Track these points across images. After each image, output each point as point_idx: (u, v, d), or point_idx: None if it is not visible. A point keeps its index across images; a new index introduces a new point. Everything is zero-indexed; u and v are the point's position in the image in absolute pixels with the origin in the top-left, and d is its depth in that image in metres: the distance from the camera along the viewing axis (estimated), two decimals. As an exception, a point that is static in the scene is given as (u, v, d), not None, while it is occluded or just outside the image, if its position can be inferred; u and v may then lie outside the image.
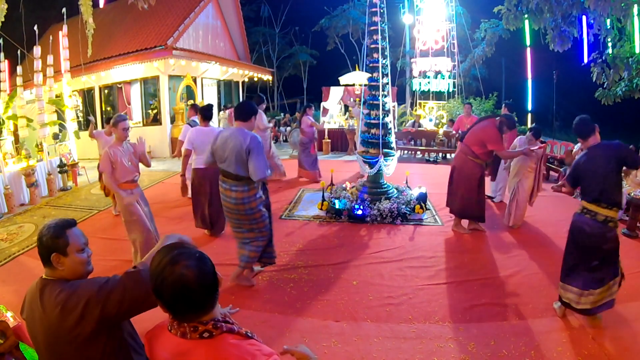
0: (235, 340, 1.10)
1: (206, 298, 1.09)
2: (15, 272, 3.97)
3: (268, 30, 21.96)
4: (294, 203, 6.14)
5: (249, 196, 3.23)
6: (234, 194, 3.22)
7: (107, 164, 3.56)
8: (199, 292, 1.07)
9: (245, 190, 3.21)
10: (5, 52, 9.07)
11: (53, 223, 1.46)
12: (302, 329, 2.93)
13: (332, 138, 11.64)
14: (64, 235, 1.44)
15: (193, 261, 1.08)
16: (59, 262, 1.42)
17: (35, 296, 1.41)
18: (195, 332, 1.08)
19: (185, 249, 1.12)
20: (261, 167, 3.08)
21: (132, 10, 10.95)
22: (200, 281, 1.07)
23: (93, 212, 5.97)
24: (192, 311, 1.09)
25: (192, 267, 1.07)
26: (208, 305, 1.11)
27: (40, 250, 1.43)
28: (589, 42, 9.35)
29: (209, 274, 1.10)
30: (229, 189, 3.25)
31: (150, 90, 11.97)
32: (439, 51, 13.64)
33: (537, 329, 2.91)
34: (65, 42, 8.65)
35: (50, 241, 1.41)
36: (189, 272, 1.06)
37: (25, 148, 7.25)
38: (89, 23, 6.59)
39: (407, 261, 4.06)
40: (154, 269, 1.09)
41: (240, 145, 3.09)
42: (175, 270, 1.05)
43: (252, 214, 3.30)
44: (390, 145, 5.88)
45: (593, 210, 2.88)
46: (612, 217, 2.85)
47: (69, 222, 1.50)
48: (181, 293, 1.05)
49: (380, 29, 5.61)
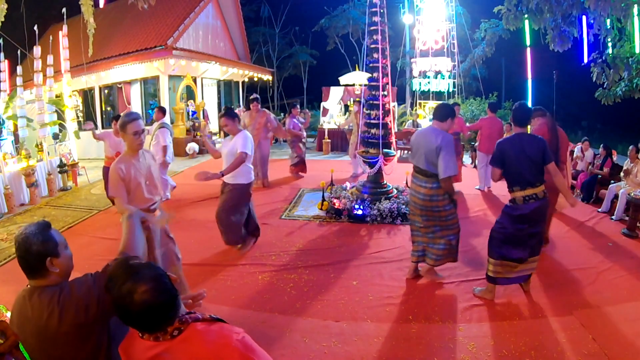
0: (202, 326, 1.16)
1: (170, 311, 1.13)
2: (15, 272, 3.95)
3: (268, 30, 21.93)
4: (294, 203, 6.14)
5: (437, 194, 3.32)
6: (423, 190, 3.32)
7: (120, 188, 2.55)
8: (162, 309, 1.11)
9: (434, 187, 3.30)
10: (5, 52, 9.08)
11: (34, 229, 1.39)
12: (302, 329, 2.92)
13: (332, 138, 11.64)
14: (51, 236, 1.40)
15: (150, 283, 1.10)
16: (54, 264, 1.38)
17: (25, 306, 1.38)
18: (166, 334, 1.13)
19: (139, 270, 1.14)
20: (450, 166, 3.16)
21: (132, 10, 10.92)
22: (162, 300, 1.11)
23: (93, 212, 5.97)
24: (160, 325, 1.13)
25: (151, 290, 1.09)
26: (173, 316, 1.14)
27: (31, 261, 1.37)
28: (589, 42, 9.34)
29: (167, 290, 1.13)
30: (419, 185, 3.36)
31: (150, 90, 11.98)
32: (439, 51, 13.62)
33: (537, 329, 2.91)
34: (65, 42, 8.65)
35: (41, 247, 1.36)
36: (149, 296, 1.09)
37: (25, 148, 7.25)
38: (90, 23, 6.58)
39: (407, 261, 4.04)
40: (115, 296, 1.12)
41: (431, 143, 3.21)
42: (135, 298, 1.08)
43: (439, 212, 3.37)
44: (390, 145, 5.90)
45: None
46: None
47: (46, 224, 1.45)
48: (146, 315, 1.10)
49: (380, 29, 5.62)
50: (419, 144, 3.38)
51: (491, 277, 3.24)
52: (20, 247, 1.38)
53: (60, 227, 5.33)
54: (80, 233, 5.09)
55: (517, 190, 3.10)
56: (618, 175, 5.82)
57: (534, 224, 3.13)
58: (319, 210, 5.58)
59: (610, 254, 4.23)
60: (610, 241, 4.59)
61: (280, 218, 5.44)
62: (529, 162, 3.04)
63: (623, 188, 5.33)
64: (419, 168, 3.39)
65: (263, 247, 4.39)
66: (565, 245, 4.49)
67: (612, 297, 3.34)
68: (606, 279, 3.69)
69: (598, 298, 3.33)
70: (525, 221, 3.10)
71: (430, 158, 3.26)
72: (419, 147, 3.37)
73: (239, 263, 4.00)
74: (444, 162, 3.17)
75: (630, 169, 5.42)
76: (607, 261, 4.05)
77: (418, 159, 3.39)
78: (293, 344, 2.75)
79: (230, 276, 3.74)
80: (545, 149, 3.07)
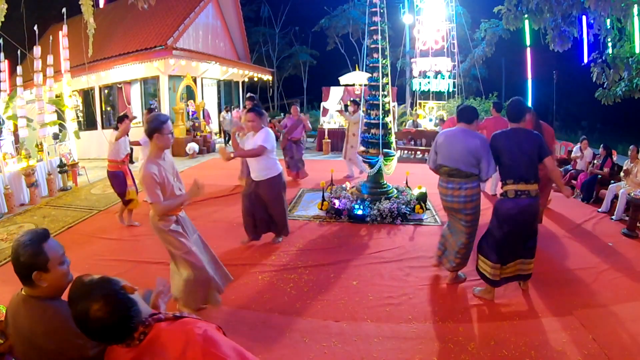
0: (166, 325, 1.17)
1: (128, 322, 1.14)
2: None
3: (268, 30, 21.95)
4: (294, 203, 6.14)
5: (478, 193, 3.36)
6: (464, 192, 3.30)
7: (158, 193, 2.60)
8: (118, 323, 1.12)
9: (474, 187, 3.33)
10: (5, 52, 9.07)
11: (27, 239, 1.35)
12: (302, 329, 2.92)
13: (332, 138, 11.64)
14: (42, 251, 1.34)
15: (101, 300, 1.11)
16: (41, 279, 1.34)
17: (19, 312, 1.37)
18: (135, 340, 1.15)
19: (91, 289, 1.14)
20: (492, 166, 3.22)
21: (132, 10, 10.94)
22: (115, 315, 1.12)
23: (93, 212, 5.97)
24: (122, 337, 1.15)
25: (102, 307, 1.10)
26: (132, 325, 1.15)
27: (19, 270, 1.34)
28: (589, 42, 9.36)
29: (120, 303, 1.14)
30: (456, 187, 3.33)
31: (150, 90, 11.98)
32: (439, 51, 13.63)
33: (537, 329, 2.91)
34: (65, 42, 8.65)
35: (29, 259, 1.32)
36: (102, 313, 1.10)
37: (25, 148, 7.25)
38: (90, 23, 6.59)
39: (407, 261, 4.06)
40: (74, 316, 1.13)
41: (470, 145, 3.23)
42: (90, 317, 1.10)
43: (476, 212, 3.40)
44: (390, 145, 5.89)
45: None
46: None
47: (44, 235, 1.39)
48: (105, 331, 1.12)
49: (380, 29, 5.61)
50: (453, 146, 3.32)
51: (490, 280, 3.23)
52: (12, 253, 1.36)
53: (60, 227, 5.34)
54: (80, 233, 5.09)
55: (509, 184, 3.10)
56: (618, 175, 5.82)
57: (524, 225, 3.10)
58: (319, 210, 5.58)
59: (610, 254, 4.23)
60: (610, 241, 4.59)
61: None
62: (524, 157, 3.04)
63: (623, 188, 5.33)
64: (457, 170, 3.31)
65: (263, 247, 4.39)
66: (565, 245, 4.49)
67: (612, 297, 3.34)
68: (606, 279, 3.69)
69: (598, 298, 3.34)
70: (510, 219, 3.07)
71: (470, 159, 3.24)
72: (454, 150, 3.31)
73: (238, 263, 4.00)
74: (486, 163, 3.20)
75: (631, 169, 5.42)
76: (607, 261, 4.05)
77: (455, 161, 3.31)
78: (293, 344, 2.75)
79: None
80: (542, 144, 3.08)
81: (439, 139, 3.44)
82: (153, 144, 2.70)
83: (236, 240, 4.52)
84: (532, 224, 3.16)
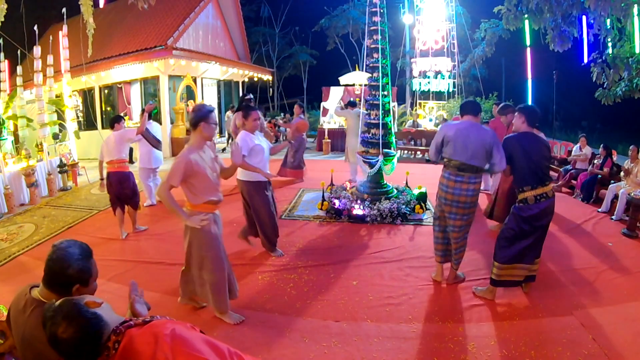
0: (136, 331, 1.20)
1: (97, 337, 1.16)
2: (15, 272, 3.97)
3: (268, 30, 21.95)
4: (293, 203, 6.14)
5: (480, 187, 3.40)
6: (472, 186, 3.28)
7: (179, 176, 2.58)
8: (88, 340, 1.14)
9: (480, 182, 3.37)
10: (5, 52, 9.09)
11: (78, 253, 1.38)
12: (302, 329, 2.92)
13: (332, 138, 11.64)
14: (90, 268, 1.39)
15: (65, 321, 1.12)
16: (79, 292, 1.36)
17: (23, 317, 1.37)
18: (111, 350, 1.17)
19: (55, 312, 1.15)
20: (504, 159, 3.17)
21: (132, 10, 10.95)
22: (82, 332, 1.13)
23: (93, 212, 5.97)
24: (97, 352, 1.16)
25: (67, 329, 1.12)
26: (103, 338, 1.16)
27: (61, 280, 1.35)
28: (589, 42, 9.35)
29: (84, 322, 1.14)
30: (465, 181, 3.28)
31: (150, 90, 11.97)
32: (439, 51, 13.62)
33: (537, 329, 2.91)
34: (65, 42, 8.65)
35: (78, 274, 1.35)
36: (68, 335, 1.11)
37: (25, 148, 7.26)
38: (90, 23, 6.59)
39: (407, 261, 4.06)
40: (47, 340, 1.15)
41: (483, 138, 3.20)
42: (58, 339, 1.12)
43: (476, 205, 3.43)
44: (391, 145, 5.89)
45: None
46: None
47: (90, 251, 1.44)
48: (79, 350, 1.13)
49: (380, 29, 5.61)
50: (468, 141, 3.22)
51: (495, 281, 3.23)
52: (56, 263, 1.35)
53: (60, 227, 5.34)
54: (80, 233, 5.09)
55: (527, 190, 3.07)
56: (618, 175, 5.82)
57: (541, 223, 3.13)
58: (319, 210, 5.58)
59: (610, 254, 4.24)
60: (610, 241, 4.59)
61: (281, 218, 5.42)
62: (540, 160, 3.07)
63: (623, 188, 5.33)
64: (468, 165, 3.23)
65: (263, 247, 4.39)
66: (565, 245, 4.49)
67: (612, 297, 3.34)
68: (606, 279, 3.69)
69: (598, 298, 3.34)
70: (534, 221, 3.09)
71: (482, 153, 3.20)
72: (470, 145, 3.21)
73: (238, 263, 4.00)
74: (499, 156, 3.16)
75: (631, 169, 5.42)
76: (607, 261, 4.05)
77: (470, 157, 3.22)
78: (293, 344, 2.75)
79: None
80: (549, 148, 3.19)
81: (449, 133, 3.30)
82: (197, 133, 2.69)
83: (236, 240, 4.51)
84: (547, 221, 3.19)
